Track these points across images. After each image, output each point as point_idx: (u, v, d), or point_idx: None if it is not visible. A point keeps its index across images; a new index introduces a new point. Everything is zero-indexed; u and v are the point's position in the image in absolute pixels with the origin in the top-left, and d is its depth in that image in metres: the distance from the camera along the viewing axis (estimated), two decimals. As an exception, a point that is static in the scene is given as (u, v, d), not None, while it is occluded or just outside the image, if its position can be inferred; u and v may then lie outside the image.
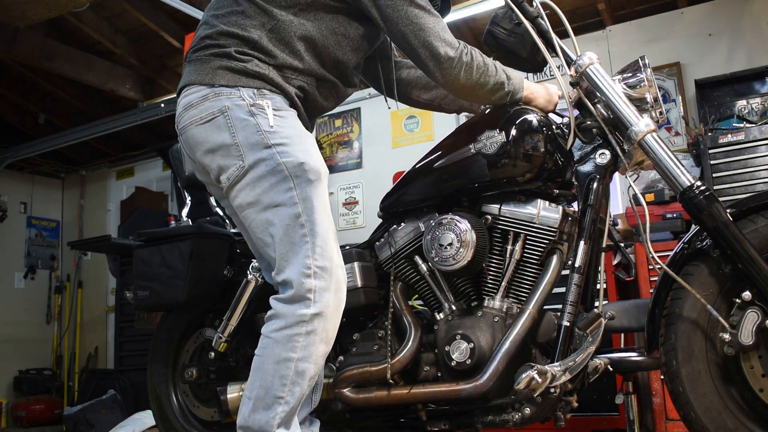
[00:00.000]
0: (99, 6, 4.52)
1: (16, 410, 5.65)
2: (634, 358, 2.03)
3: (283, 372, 1.47)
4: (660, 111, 1.69)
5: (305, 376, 1.48)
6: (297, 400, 1.48)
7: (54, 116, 6.00)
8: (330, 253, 1.53)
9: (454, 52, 1.62)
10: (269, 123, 1.53)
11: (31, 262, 6.57)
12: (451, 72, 1.63)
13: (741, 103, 3.63)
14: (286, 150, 1.53)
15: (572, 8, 4.20)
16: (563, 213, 1.68)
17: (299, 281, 1.48)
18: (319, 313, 1.49)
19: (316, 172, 1.55)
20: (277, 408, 1.46)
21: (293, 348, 1.47)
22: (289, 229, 1.51)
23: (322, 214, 1.54)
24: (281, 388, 1.46)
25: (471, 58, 1.64)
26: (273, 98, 1.58)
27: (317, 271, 1.50)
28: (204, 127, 1.57)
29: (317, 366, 1.51)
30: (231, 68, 1.57)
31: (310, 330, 1.48)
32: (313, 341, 1.48)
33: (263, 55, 1.59)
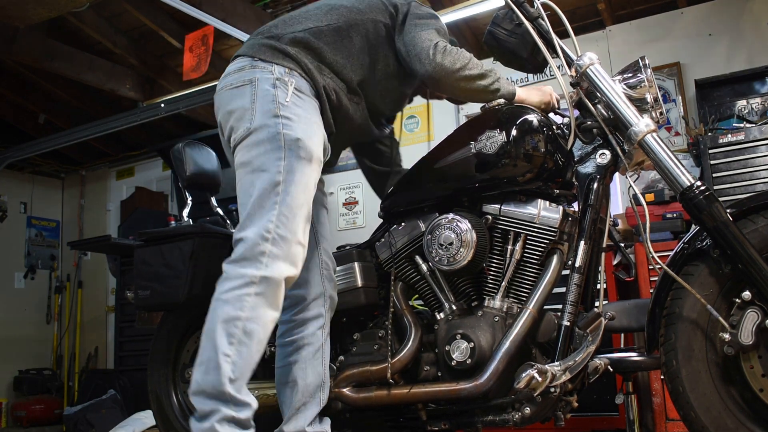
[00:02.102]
0: (99, 6, 4.51)
1: (16, 410, 5.65)
2: (634, 358, 2.03)
3: (231, 330, 1.47)
4: (660, 111, 1.69)
5: (253, 338, 1.48)
6: (245, 361, 1.47)
7: (54, 116, 6.00)
8: (294, 227, 1.54)
9: (436, 40, 1.72)
10: (286, 97, 1.62)
11: (31, 262, 6.57)
12: (434, 54, 1.69)
13: (741, 103, 3.63)
14: (290, 124, 1.59)
15: (572, 8, 4.20)
16: (563, 213, 1.68)
17: (255, 241, 1.51)
18: (269, 278, 1.49)
19: (308, 152, 1.59)
20: (225, 366, 1.45)
21: (241, 307, 1.48)
22: (265, 193, 1.55)
23: (301, 191, 1.57)
24: (228, 346, 1.46)
25: (453, 49, 1.72)
26: (300, 81, 1.66)
27: (275, 238, 1.52)
28: (232, 92, 1.68)
29: (265, 331, 1.51)
30: (274, 47, 1.70)
31: (259, 292, 1.49)
32: (261, 303, 1.49)
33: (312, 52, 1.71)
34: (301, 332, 1.73)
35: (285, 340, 1.75)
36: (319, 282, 1.77)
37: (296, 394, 1.69)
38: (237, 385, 1.46)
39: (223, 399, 1.44)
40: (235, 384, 1.46)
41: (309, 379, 1.70)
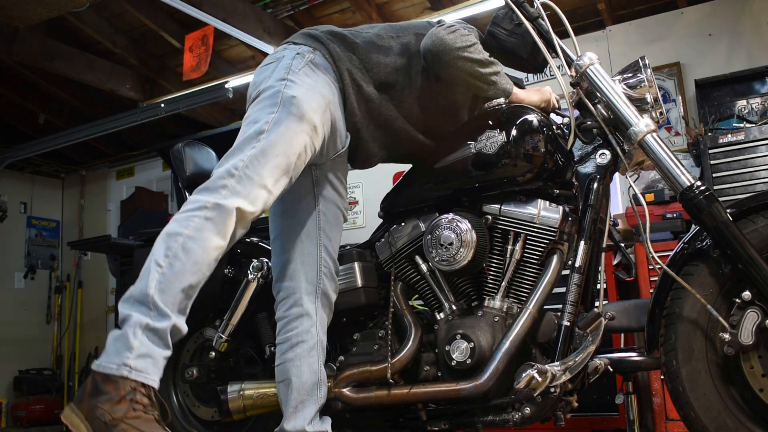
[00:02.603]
0: (99, 6, 4.52)
1: (16, 410, 5.66)
2: (634, 358, 2.03)
3: (170, 243, 1.44)
4: (660, 111, 1.69)
5: (189, 255, 1.43)
6: (175, 276, 1.41)
7: (54, 116, 6.00)
8: (263, 170, 1.53)
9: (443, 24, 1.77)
10: (299, 66, 1.68)
11: (31, 262, 6.57)
12: (438, 32, 1.72)
13: (741, 103, 3.63)
14: (292, 86, 1.63)
15: (572, 8, 4.20)
16: (563, 213, 1.68)
17: (221, 175, 1.51)
18: (223, 206, 1.47)
19: (300, 110, 1.60)
20: (155, 274, 1.41)
21: (186, 225, 1.45)
22: (247, 139, 1.58)
23: (281, 141, 1.57)
24: (163, 258, 1.42)
25: (457, 28, 1.74)
26: (319, 59, 1.72)
27: (241, 176, 1.51)
28: (261, 69, 1.75)
29: (206, 254, 1.45)
30: (310, 34, 1.78)
31: (209, 216, 1.46)
32: (207, 226, 1.45)
33: (346, 43, 1.77)
34: (295, 329, 1.72)
35: (281, 338, 1.75)
36: (315, 279, 1.75)
37: (292, 392, 1.69)
38: (163, 297, 1.40)
39: (145, 303, 1.38)
40: (161, 295, 1.40)
41: (304, 377, 1.70)
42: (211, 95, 4.70)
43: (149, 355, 1.36)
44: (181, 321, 1.42)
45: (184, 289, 1.42)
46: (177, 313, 1.41)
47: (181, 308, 1.43)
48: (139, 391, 1.34)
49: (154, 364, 1.38)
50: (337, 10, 4.57)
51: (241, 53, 5.11)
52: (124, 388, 1.32)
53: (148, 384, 1.35)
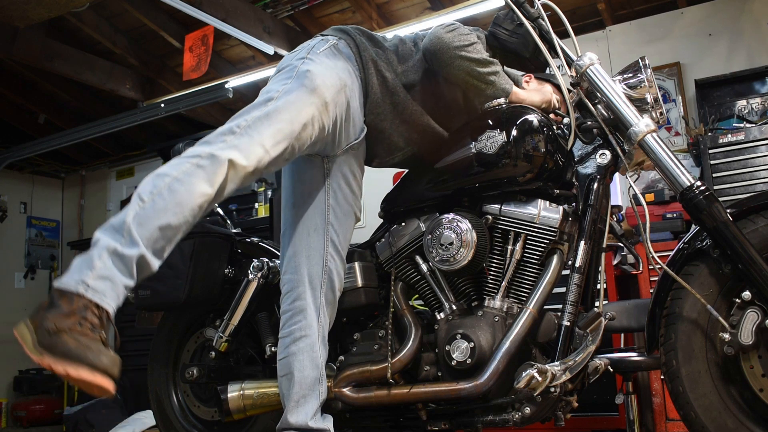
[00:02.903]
0: (99, 6, 4.52)
1: (16, 410, 5.65)
2: (634, 358, 2.03)
3: (156, 182, 1.44)
4: (660, 111, 1.69)
5: (174, 195, 1.42)
6: (155, 212, 1.40)
7: (54, 116, 6.00)
8: (265, 131, 1.54)
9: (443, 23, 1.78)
10: (321, 48, 1.73)
11: (31, 262, 6.56)
12: (438, 30, 1.74)
13: (741, 103, 3.63)
14: (309, 62, 1.67)
15: (572, 8, 4.20)
16: (564, 213, 1.68)
17: (222, 131, 1.53)
18: (216, 157, 1.47)
19: (312, 83, 1.62)
20: (135, 206, 1.41)
21: (177, 168, 1.46)
22: (256, 104, 1.61)
23: (289, 110, 1.58)
24: (148, 194, 1.42)
25: (457, 27, 1.75)
26: (343, 46, 1.76)
27: (242, 134, 1.52)
28: (287, 55, 1.80)
29: (191, 198, 1.43)
30: (341, 28, 1.83)
31: (201, 164, 1.46)
32: (196, 173, 1.45)
33: (373, 41, 1.82)
34: (298, 323, 1.72)
35: (284, 331, 1.74)
36: (320, 273, 1.74)
37: (294, 386, 1.68)
38: (139, 229, 1.38)
39: (119, 230, 1.38)
40: (138, 227, 1.38)
41: (306, 371, 1.69)
42: (211, 95, 4.69)
43: (109, 279, 1.34)
44: (153, 258, 1.39)
45: (162, 227, 1.40)
46: (150, 249, 1.39)
47: (157, 248, 1.40)
48: (92, 310, 1.31)
49: (113, 288, 1.34)
50: (337, 10, 4.57)
51: (241, 53, 5.11)
52: (77, 304, 1.30)
53: (102, 306, 1.32)
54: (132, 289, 2.12)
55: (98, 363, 1.26)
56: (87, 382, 1.26)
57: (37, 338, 1.28)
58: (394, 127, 1.79)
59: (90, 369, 1.25)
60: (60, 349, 1.26)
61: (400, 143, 1.82)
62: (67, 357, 1.26)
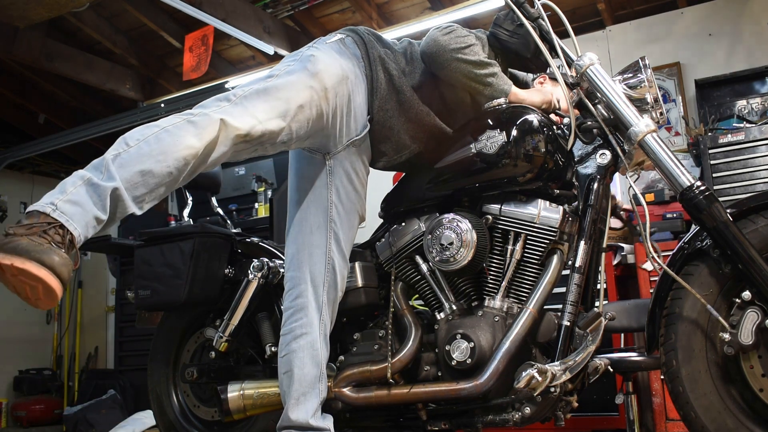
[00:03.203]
0: (99, 6, 4.52)
1: (16, 410, 5.65)
2: (634, 358, 2.03)
3: (145, 131, 1.45)
4: (660, 111, 1.69)
5: (159, 143, 1.42)
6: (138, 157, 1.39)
7: (54, 116, 6.00)
8: (259, 105, 1.57)
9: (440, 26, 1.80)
10: (328, 40, 1.77)
11: (31, 262, 6.56)
12: (434, 33, 1.75)
13: (741, 103, 3.63)
14: (316, 50, 1.71)
15: (572, 8, 4.20)
16: (564, 213, 1.68)
17: (219, 97, 1.57)
18: (208, 114, 1.49)
19: (315, 68, 1.65)
20: (119, 149, 1.41)
21: (168, 122, 1.48)
22: (258, 80, 1.64)
23: (287, 89, 1.61)
24: (134, 140, 1.43)
25: (454, 29, 1.76)
26: (350, 42, 1.79)
27: (237, 102, 1.55)
28: None
29: (175, 148, 1.43)
30: (351, 28, 1.85)
31: (192, 120, 1.48)
32: (186, 127, 1.46)
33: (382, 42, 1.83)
34: (299, 320, 1.72)
35: (285, 328, 1.74)
36: (322, 271, 1.74)
37: (294, 383, 1.68)
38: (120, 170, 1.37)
39: (98, 167, 1.38)
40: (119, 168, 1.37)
41: (306, 369, 1.69)
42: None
43: (79, 204, 1.32)
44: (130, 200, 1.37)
45: (144, 171, 1.39)
46: (127, 189, 1.37)
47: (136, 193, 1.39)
48: (56, 228, 1.28)
49: (83, 215, 1.32)
50: (337, 10, 4.57)
51: (241, 53, 5.11)
52: (41, 221, 1.28)
53: (68, 228, 1.29)
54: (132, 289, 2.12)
55: (47, 259, 1.23)
56: (32, 275, 1.22)
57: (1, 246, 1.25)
58: (401, 125, 1.79)
59: (36, 263, 1.22)
60: (11, 246, 1.23)
61: (407, 142, 1.81)
62: (15, 252, 1.22)
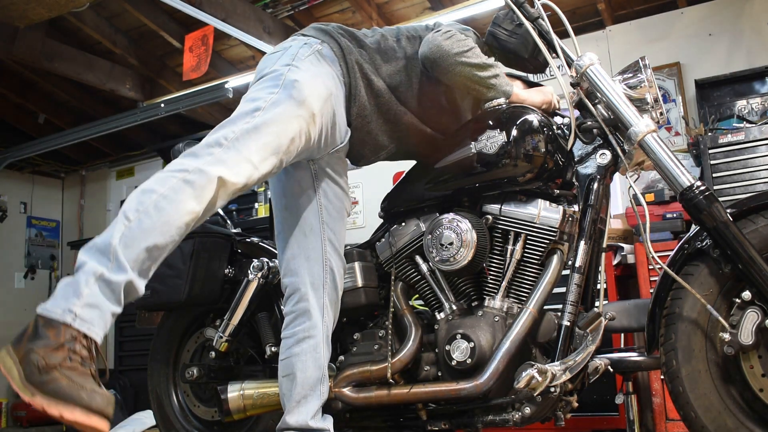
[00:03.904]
0: (99, 6, 4.52)
1: (16, 410, 5.65)
2: (634, 358, 2.03)
3: (142, 199, 1.39)
4: (660, 111, 1.69)
5: (161, 214, 1.38)
6: (142, 232, 1.36)
7: (54, 116, 6.00)
8: (252, 145, 1.50)
9: (438, 29, 1.76)
10: (306, 54, 1.68)
11: (31, 262, 6.56)
12: (435, 38, 1.73)
13: (741, 103, 3.63)
14: (296, 70, 1.64)
15: (572, 8, 4.20)
16: (564, 213, 1.68)
17: (209, 143, 1.48)
18: (204, 171, 1.42)
19: (300, 95, 1.58)
20: (120, 226, 1.36)
21: (163, 184, 1.41)
22: (242, 114, 1.55)
23: (277, 123, 1.54)
24: (133, 212, 1.38)
25: (454, 33, 1.74)
26: (327, 51, 1.73)
27: (229, 147, 1.48)
28: (267, 57, 1.76)
29: (177, 216, 1.39)
30: (322, 28, 1.79)
31: (189, 180, 1.41)
32: (184, 189, 1.40)
33: (356, 41, 1.79)
34: (302, 324, 1.72)
35: (287, 332, 1.74)
36: (321, 274, 1.74)
37: (296, 387, 1.69)
38: (126, 251, 1.33)
39: (105, 253, 1.32)
40: (124, 249, 1.33)
41: (309, 372, 1.69)
42: (211, 95, 4.70)
43: (97, 307, 1.29)
44: (140, 281, 1.35)
45: (149, 248, 1.36)
46: (137, 271, 1.35)
47: (143, 268, 1.36)
48: (80, 341, 1.25)
49: (101, 317, 1.29)
50: (337, 10, 4.57)
51: (241, 53, 5.11)
52: (65, 336, 1.24)
53: (91, 336, 1.27)
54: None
55: (93, 404, 1.20)
56: (82, 425, 1.20)
57: (25, 374, 1.20)
58: (379, 127, 1.80)
59: (85, 411, 1.20)
60: (52, 389, 1.20)
61: (385, 142, 1.83)
62: (60, 398, 1.19)
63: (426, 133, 1.86)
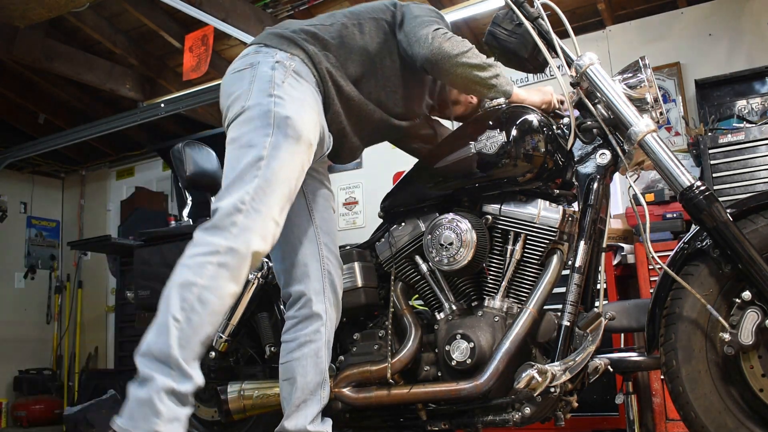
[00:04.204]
0: (99, 6, 4.52)
1: (16, 410, 5.65)
2: (634, 358, 2.03)
3: (185, 295, 1.42)
4: (660, 111, 1.69)
5: (206, 307, 1.42)
6: (194, 329, 1.41)
7: (54, 116, 6.00)
8: (271, 202, 1.51)
9: (436, 28, 1.72)
10: (283, 79, 1.63)
11: (31, 262, 6.57)
12: (434, 40, 1.70)
13: (741, 103, 3.63)
14: (283, 103, 1.59)
15: (572, 8, 4.20)
16: (563, 213, 1.68)
17: (228, 211, 1.48)
18: (235, 249, 1.44)
19: (297, 131, 1.57)
20: (174, 330, 1.39)
21: (201, 274, 1.43)
22: (247, 167, 1.53)
23: (283, 168, 1.54)
24: (179, 311, 1.41)
25: (454, 37, 1.72)
26: (300, 66, 1.68)
27: (249, 210, 1.48)
28: (234, 76, 1.70)
29: (222, 303, 1.45)
30: (281, 34, 1.74)
31: (223, 262, 1.44)
32: (222, 275, 1.43)
33: (318, 41, 1.74)
34: (304, 329, 1.72)
35: (288, 336, 1.74)
36: (320, 278, 1.75)
37: (296, 391, 1.69)
38: (184, 354, 1.39)
39: (167, 364, 1.38)
40: (183, 351, 1.39)
41: (309, 377, 1.70)
42: (211, 95, 4.69)
43: (177, 419, 1.38)
44: (199, 374, 1.43)
45: (203, 341, 1.43)
46: (196, 365, 1.43)
47: (199, 356, 1.44)
48: None
49: (182, 425, 1.39)
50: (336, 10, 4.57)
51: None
52: None
53: None
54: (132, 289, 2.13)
55: None
56: None
57: None
58: (352, 129, 1.80)
59: None
60: None
61: (358, 143, 1.85)
62: None
63: (394, 124, 1.87)
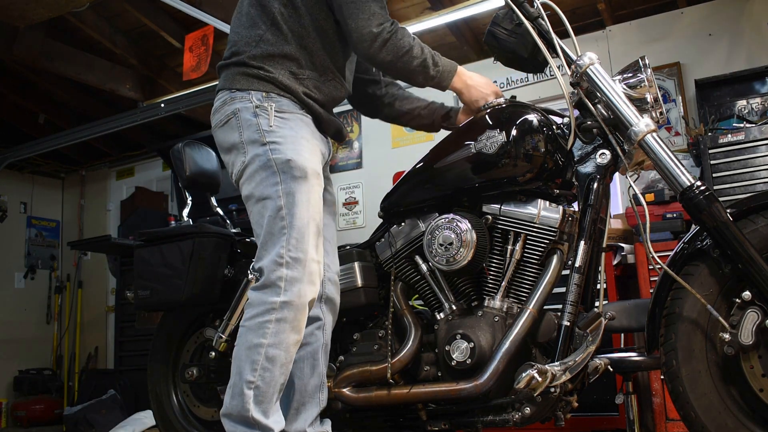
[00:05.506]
0: (99, 6, 4.51)
1: (16, 410, 5.65)
2: (634, 358, 2.03)
3: (254, 357, 1.53)
4: (660, 111, 1.68)
5: (276, 362, 1.54)
6: (269, 385, 1.53)
7: (54, 116, 6.00)
8: (305, 246, 1.58)
9: (377, 29, 1.68)
10: (269, 123, 1.66)
11: (31, 262, 6.56)
12: (371, 47, 1.69)
13: (741, 103, 3.63)
14: (278, 148, 1.64)
15: (572, 8, 4.20)
16: (563, 213, 1.68)
17: (271, 269, 1.56)
18: (289, 302, 1.54)
19: (301, 170, 1.62)
20: (248, 392, 1.51)
21: (263, 334, 1.53)
22: (271, 220, 1.60)
23: (304, 209, 1.61)
24: (252, 373, 1.52)
25: (394, 37, 1.70)
26: (279, 101, 1.70)
27: (290, 261, 1.56)
28: (222, 130, 1.74)
29: (288, 354, 1.57)
30: (245, 73, 1.72)
31: (280, 317, 1.54)
32: (283, 329, 1.54)
33: (277, 61, 1.72)
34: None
35: None
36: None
37: (295, 394, 1.69)
38: (263, 408, 1.52)
39: (247, 424, 1.51)
40: (261, 407, 1.52)
41: (307, 379, 1.70)
42: (211, 95, 4.66)
43: None
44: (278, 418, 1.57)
45: (280, 389, 1.57)
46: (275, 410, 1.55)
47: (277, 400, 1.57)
48: None
49: None
50: (337, 10, 4.56)
51: (241, 53, 5.10)
52: None
53: None
54: (132, 289, 2.14)
55: None
56: None
57: None
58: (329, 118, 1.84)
59: None
60: None
61: (338, 123, 1.89)
62: None
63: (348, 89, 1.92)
